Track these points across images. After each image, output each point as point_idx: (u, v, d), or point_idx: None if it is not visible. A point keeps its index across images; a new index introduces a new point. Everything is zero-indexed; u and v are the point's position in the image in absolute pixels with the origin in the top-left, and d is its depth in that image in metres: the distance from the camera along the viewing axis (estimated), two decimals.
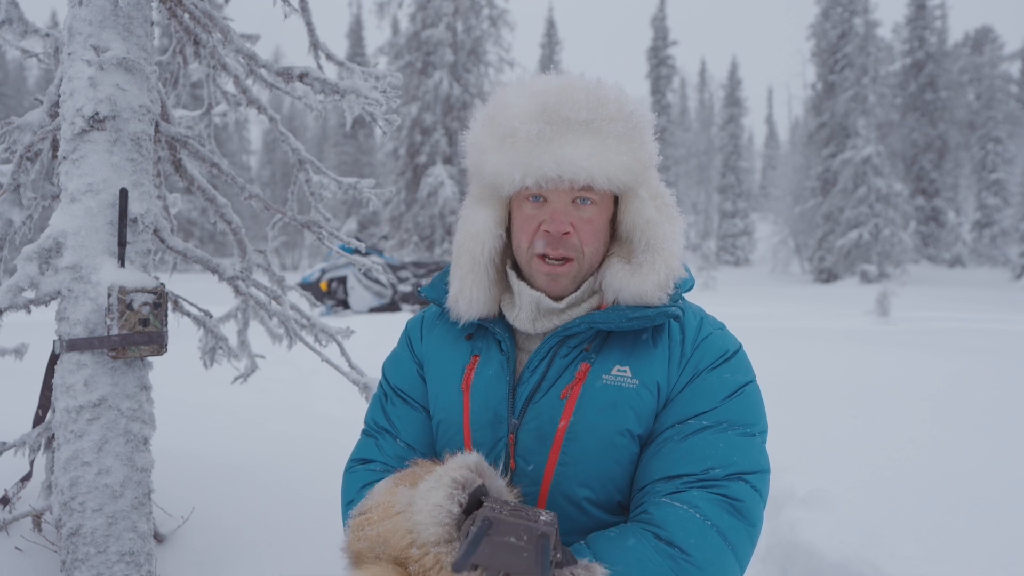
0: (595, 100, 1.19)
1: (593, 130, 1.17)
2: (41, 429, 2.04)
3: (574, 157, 1.16)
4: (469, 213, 1.32)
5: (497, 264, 1.31)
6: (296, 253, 47.13)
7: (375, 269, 2.78)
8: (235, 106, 2.86)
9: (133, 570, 1.92)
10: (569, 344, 1.24)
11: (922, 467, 3.29)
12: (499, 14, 25.56)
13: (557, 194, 1.20)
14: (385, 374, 1.44)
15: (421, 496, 1.00)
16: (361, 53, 40.82)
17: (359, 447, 1.40)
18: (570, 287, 1.25)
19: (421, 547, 0.97)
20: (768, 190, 47.56)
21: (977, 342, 8.21)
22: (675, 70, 40.01)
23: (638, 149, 1.21)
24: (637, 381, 1.20)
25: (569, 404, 1.19)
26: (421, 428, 1.35)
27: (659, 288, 1.21)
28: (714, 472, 1.13)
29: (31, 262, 1.86)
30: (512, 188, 1.21)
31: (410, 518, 1.00)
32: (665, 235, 1.24)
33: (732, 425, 1.18)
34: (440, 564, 0.95)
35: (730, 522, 1.11)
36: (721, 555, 1.09)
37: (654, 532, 1.10)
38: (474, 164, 1.28)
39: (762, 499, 1.16)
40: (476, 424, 1.25)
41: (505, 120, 1.21)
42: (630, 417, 1.19)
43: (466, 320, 1.30)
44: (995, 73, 33.12)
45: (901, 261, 27.07)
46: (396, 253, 24.59)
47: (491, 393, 1.25)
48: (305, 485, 2.85)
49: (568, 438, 1.19)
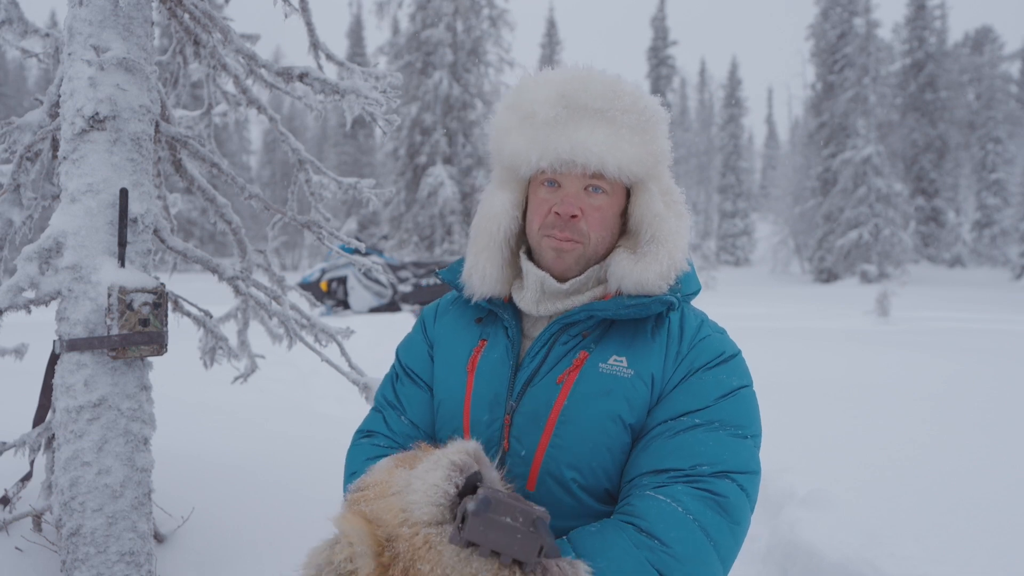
0: (612, 91, 1.24)
1: (608, 119, 1.22)
2: (41, 429, 2.04)
3: (588, 142, 1.21)
4: (488, 196, 1.38)
5: (512, 246, 1.36)
6: (296, 253, 47.14)
7: (375, 269, 2.78)
8: (235, 106, 2.86)
9: (133, 570, 1.92)
10: (569, 332, 1.28)
11: (922, 467, 3.29)
12: (499, 14, 25.56)
13: (570, 179, 1.25)
14: (398, 354, 1.50)
15: (418, 476, 1.01)
16: (361, 53, 40.82)
17: (367, 420, 1.45)
18: (574, 267, 1.29)
19: (412, 526, 0.97)
20: (768, 190, 47.56)
21: (977, 342, 8.21)
22: (675, 70, 40.00)
23: (650, 142, 1.26)
24: (632, 372, 1.23)
25: (564, 389, 1.23)
26: (426, 407, 1.39)
27: (660, 277, 1.24)
28: (701, 468, 1.15)
29: (31, 262, 1.86)
30: (528, 169, 1.26)
31: (405, 497, 1.00)
32: (671, 229, 1.27)
33: (724, 425, 1.19)
34: (430, 544, 0.94)
35: (713, 518, 1.12)
36: (701, 550, 1.09)
37: (635, 524, 1.11)
38: (496, 146, 1.34)
39: (749, 499, 1.17)
40: (476, 404, 1.29)
41: (526, 103, 1.26)
42: (623, 405, 1.21)
43: (479, 295, 1.34)
44: (995, 73, 33.14)
45: (901, 261, 27.07)
46: (396, 253, 24.58)
47: (494, 375, 1.29)
48: (305, 485, 2.85)
49: (561, 421, 1.22)
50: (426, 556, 0.94)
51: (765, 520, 2.94)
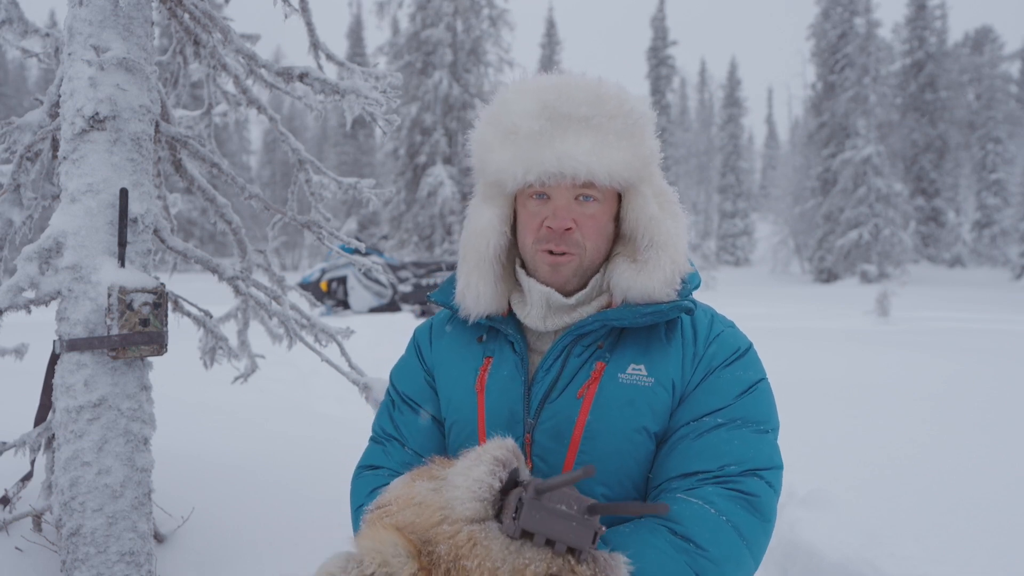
0: (595, 97, 1.19)
1: (593, 126, 1.18)
2: (41, 429, 2.04)
3: (575, 152, 1.16)
4: (474, 212, 1.33)
5: (503, 261, 1.31)
6: (296, 253, 47.13)
7: (375, 269, 2.78)
8: (235, 106, 2.86)
9: (133, 570, 1.92)
10: (583, 343, 1.24)
11: (922, 467, 3.30)
12: (499, 14, 25.55)
13: (560, 190, 1.21)
14: (393, 382, 1.45)
15: (459, 472, 0.97)
16: (361, 53, 40.81)
17: (367, 454, 1.40)
18: (573, 280, 1.25)
19: (454, 523, 0.92)
20: (768, 190, 47.54)
21: (977, 342, 8.21)
22: (675, 70, 39.97)
23: (639, 145, 1.21)
24: (652, 379, 1.21)
25: (586, 403, 1.20)
26: (428, 436, 1.35)
27: (666, 284, 1.22)
28: (729, 469, 1.14)
29: (31, 262, 1.86)
30: (515, 184, 1.21)
31: (443, 495, 0.96)
32: (669, 231, 1.24)
33: (746, 422, 1.19)
34: (475, 540, 0.90)
35: (745, 517, 1.12)
36: (736, 550, 1.10)
37: (669, 527, 1.10)
38: (478, 162, 1.29)
39: (776, 495, 1.17)
40: (492, 424, 1.24)
41: (507, 118, 1.22)
42: (647, 415, 1.19)
43: (475, 315, 1.30)
44: (995, 73, 33.12)
45: (901, 261, 27.06)
46: (396, 253, 24.59)
47: (506, 393, 1.25)
48: (305, 485, 2.85)
49: (586, 437, 1.19)
50: (471, 553, 0.89)
51: None
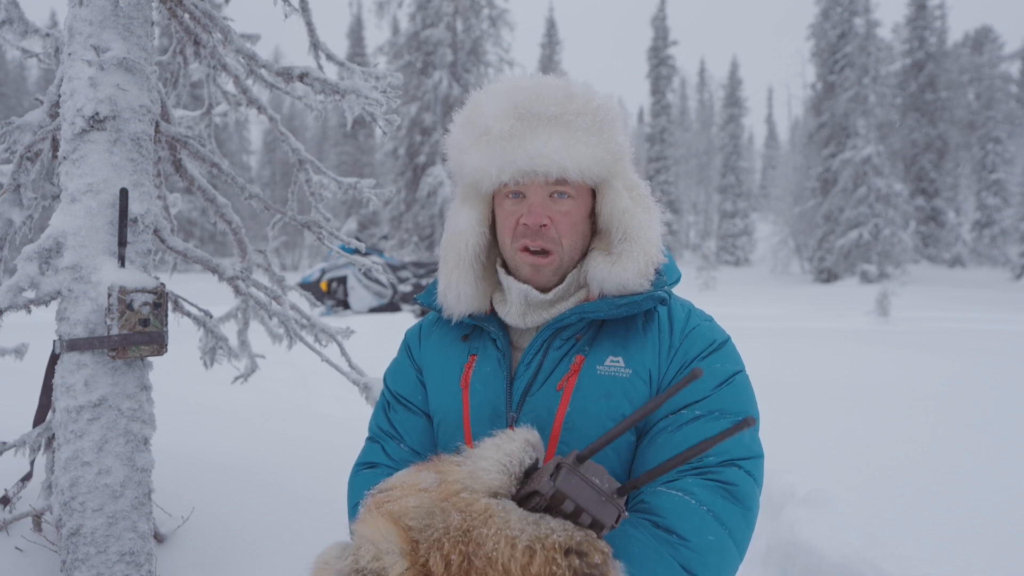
0: (563, 96, 1.24)
1: (563, 124, 1.22)
2: (41, 429, 2.04)
3: (545, 151, 1.20)
4: (454, 214, 1.37)
5: (483, 261, 1.36)
6: (296, 253, 47.12)
7: (375, 269, 2.78)
8: (235, 106, 2.87)
9: (133, 570, 1.92)
10: (562, 336, 1.28)
11: (922, 467, 3.30)
12: (499, 14, 25.55)
13: (534, 188, 1.25)
14: (387, 382, 1.48)
15: (491, 447, 0.98)
16: (361, 53, 40.80)
17: (365, 452, 1.43)
18: (553, 278, 1.29)
19: (473, 492, 0.93)
20: (768, 190, 47.50)
21: (977, 342, 8.22)
22: (675, 70, 39.98)
23: (608, 141, 1.25)
24: (630, 370, 1.23)
25: (565, 395, 1.23)
26: (424, 433, 1.38)
27: (639, 275, 1.25)
28: (708, 459, 1.16)
29: (31, 262, 1.86)
30: (490, 184, 1.26)
31: (466, 467, 0.96)
32: (641, 224, 1.27)
33: (724, 413, 1.20)
34: (491, 512, 0.90)
35: (726, 506, 1.13)
36: (719, 539, 1.11)
37: (652, 520, 1.12)
38: (455, 165, 1.33)
39: (757, 484, 1.19)
40: (476, 419, 1.28)
41: (480, 119, 1.26)
42: (625, 406, 1.22)
43: (457, 315, 1.34)
44: (995, 73, 33.12)
45: (901, 261, 27.06)
46: (396, 253, 24.58)
47: (489, 388, 1.29)
48: (305, 485, 2.85)
49: (566, 428, 1.22)
50: (487, 521, 0.90)
51: (765, 520, 2.94)
